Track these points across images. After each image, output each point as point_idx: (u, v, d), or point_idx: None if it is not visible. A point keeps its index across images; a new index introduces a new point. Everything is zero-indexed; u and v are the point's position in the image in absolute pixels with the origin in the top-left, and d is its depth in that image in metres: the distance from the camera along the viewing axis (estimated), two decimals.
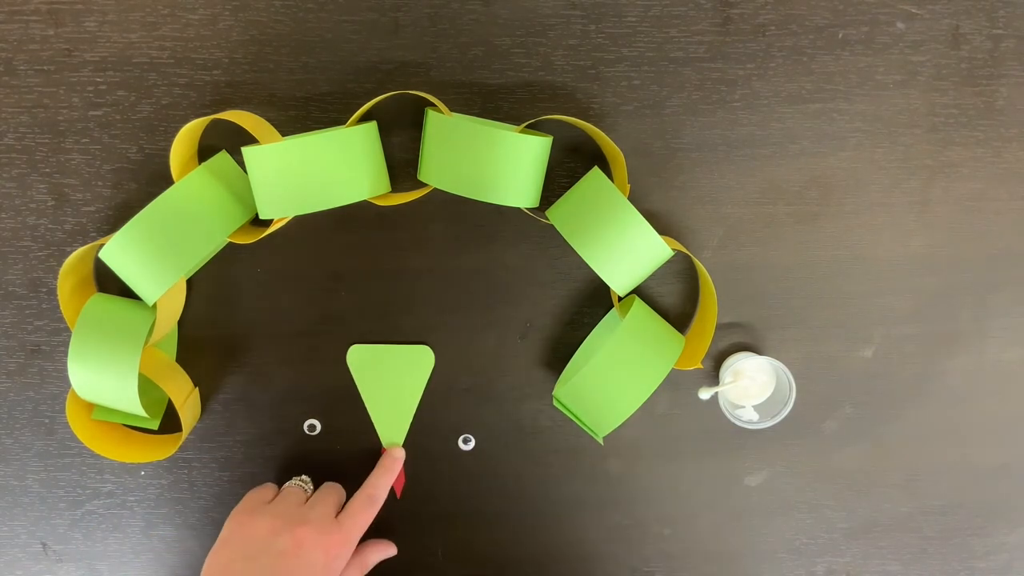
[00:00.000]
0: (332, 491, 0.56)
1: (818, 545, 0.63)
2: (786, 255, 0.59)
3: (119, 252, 0.51)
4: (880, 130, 0.58)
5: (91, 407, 0.57)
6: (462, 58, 0.56)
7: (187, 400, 0.57)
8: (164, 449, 0.58)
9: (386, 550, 0.60)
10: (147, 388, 0.56)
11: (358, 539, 0.54)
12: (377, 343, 0.59)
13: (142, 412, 0.53)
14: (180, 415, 0.55)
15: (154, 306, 0.53)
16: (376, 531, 0.60)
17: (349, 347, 0.59)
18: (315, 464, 0.60)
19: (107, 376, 0.52)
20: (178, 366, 0.58)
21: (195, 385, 0.59)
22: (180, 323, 0.58)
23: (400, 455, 0.59)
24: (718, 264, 0.59)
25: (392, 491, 0.59)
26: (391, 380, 0.59)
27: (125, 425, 0.59)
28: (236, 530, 0.53)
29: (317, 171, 0.51)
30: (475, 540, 0.62)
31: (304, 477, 0.58)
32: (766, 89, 0.57)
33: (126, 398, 0.52)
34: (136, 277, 0.51)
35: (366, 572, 0.58)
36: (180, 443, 0.58)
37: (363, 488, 0.56)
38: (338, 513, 0.54)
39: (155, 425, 0.59)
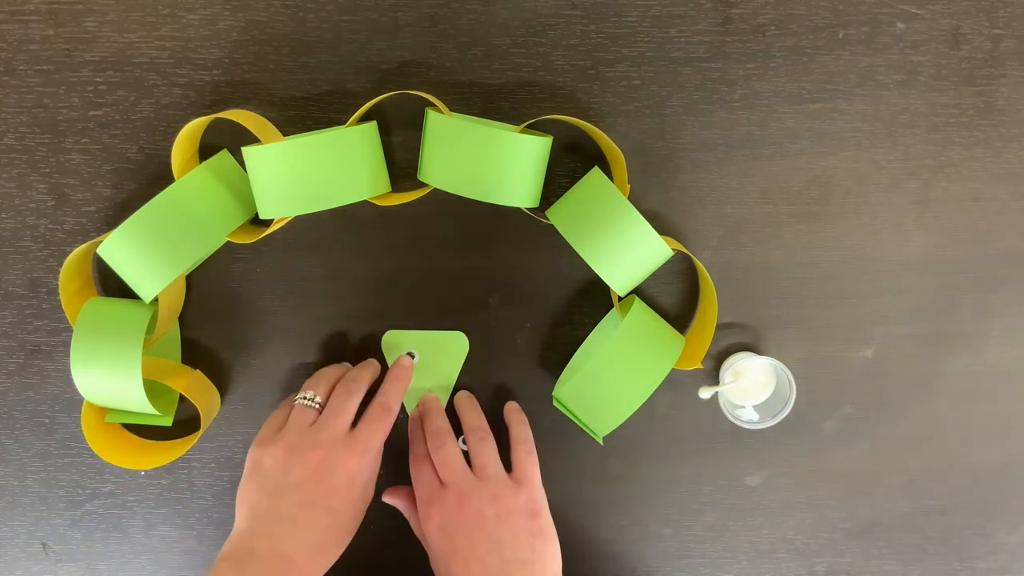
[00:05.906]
0: (343, 399, 0.53)
1: (818, 545, 0.63)
2: (786, 255, 0.59)
3: (118, 248, 0.51)
4: (880, 130, 0.58)
5: (104, 416, 0.57)
6: (462, 58, 0.56)
7: (203, 392, 0.56)
8: (177, 449, 0.58)
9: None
10: (159, 391, 0.56)
11: (377, 448, 0.52)
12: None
13: (150, 408, 0.53)
14: (198, 406, 0.55)
15: (152, 303, 0.53)
16: (376, 531, 0.60)
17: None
18: None
19: (111, 375, 0.52)
20: (187, 367, 0.58)
21: None
22: (181, 323, 0.58)
23: (409, 363, 0.57)
24: (718, 264, 0.59)
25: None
26: (426, 366, 0.59)
27: (141, 425, 0.59)
28: (253, 468, 0.51)
29: (317, 171, 0.51)
30: None
31: (309, 394, 0.53)
32: (766, 89, 0.57)
33: (132, 395, 0.52)
34: (134, 274, 0.51)
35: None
36: (198, 437, 0.57)
37: (375, 398, 0.54)
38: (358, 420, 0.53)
39: (168, 422, 0.58)
